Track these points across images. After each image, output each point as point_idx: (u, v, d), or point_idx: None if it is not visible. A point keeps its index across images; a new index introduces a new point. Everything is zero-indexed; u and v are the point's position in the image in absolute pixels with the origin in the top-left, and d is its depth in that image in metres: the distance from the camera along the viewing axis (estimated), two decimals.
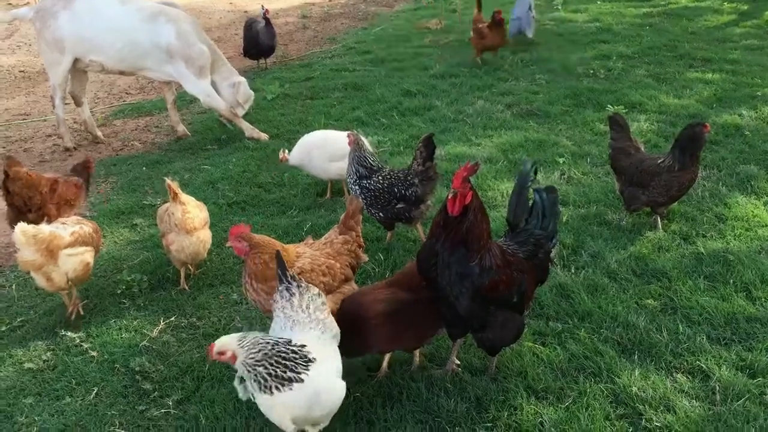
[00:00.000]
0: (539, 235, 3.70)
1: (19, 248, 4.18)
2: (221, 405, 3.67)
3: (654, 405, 3.54)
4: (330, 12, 14.90)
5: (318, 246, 3.94)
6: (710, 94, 8.18)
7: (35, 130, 8.35)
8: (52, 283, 4.34)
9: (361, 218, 4.11)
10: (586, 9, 13.15)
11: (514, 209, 3.78)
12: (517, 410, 3.56)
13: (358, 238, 4.04)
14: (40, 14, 7.06)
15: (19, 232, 4.12)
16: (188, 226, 4.62)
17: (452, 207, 3.34)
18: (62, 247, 4.28)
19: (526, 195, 3.78)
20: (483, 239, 3.40)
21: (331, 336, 3.31)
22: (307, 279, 3.64)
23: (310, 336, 3.20)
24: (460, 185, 3.31)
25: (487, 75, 9.32)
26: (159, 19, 7.14)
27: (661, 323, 4.17)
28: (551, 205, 3.77)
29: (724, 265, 4.72)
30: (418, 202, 4.90)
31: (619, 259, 4.84)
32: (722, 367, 3.79)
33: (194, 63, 7.27)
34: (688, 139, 5.06)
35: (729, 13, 12.35)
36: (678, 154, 5.07)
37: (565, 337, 4.09)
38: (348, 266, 3.93)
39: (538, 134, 7.21)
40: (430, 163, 4.88)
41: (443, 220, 3.39)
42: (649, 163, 5.17)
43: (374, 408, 3.60)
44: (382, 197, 4.87)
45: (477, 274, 3.36)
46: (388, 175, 4.93)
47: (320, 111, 8.14)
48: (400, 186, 4.86)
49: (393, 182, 4.87)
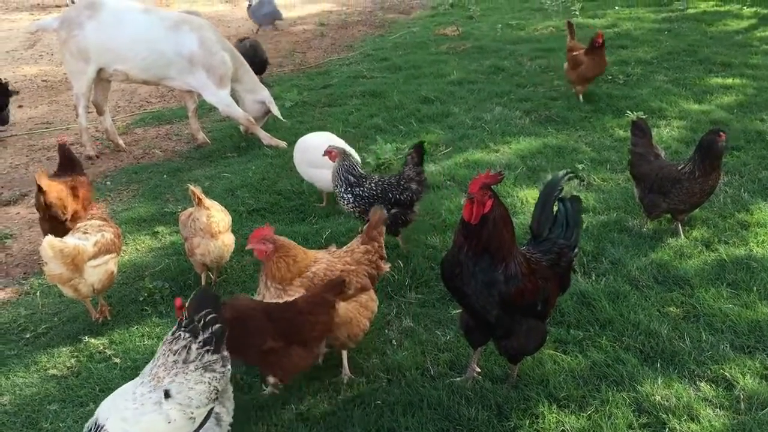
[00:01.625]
0: (562, 245, 3.66)
1: (47, 262, 4.25)
2: (243, 412, 3.68)
3: (677, 414, 3.52)
4: (347, 20, 14.97)
5: (339, 254, 3.95)
6: (731, 99, 8.12)
7: (58, 138, 8.44)
8: (79, 293, 4.43)
9: (384, 229, 4.12)
10: (604, 14, 13.10)
11: (539, 218, 3.74)
12: (538, 418, 3.54)
13: (380, 249, 4.05)
14: (66, 24, 7.16)
15: (47, 246, 4.17)
16: (213, 229, 4.68)
17: (468, 214, 3.32)
18: (87, 259, 4.33)
19: (552, 204, 3.73)
20: (506, 248, 3.38)
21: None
22: (319, 284, 3.71)
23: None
24: (477, 191, 3.29)
25: (504, 81, 9.31)
26: (182, 28, 7.21)
27: (683, 331, 4.13)
28: (575, 215, 3.73)
29: (747, 272, 4.68)
30: (411, 206, 5.03)
31: (640, 266, 4.81)
32: (746, 375, 3.76)
33: (216, 72, 7.33)
34: (705, 146, 5.03)
35: (749, 18, 12.25)
36: (698, 161, 5.04)
37: (586, 344, 4.07)
38: (366, 275, 3.94)
39: (557, 140, 7.19)
40: (419, 168, 5.04)
41: (464, 229, 3.38)
42: (669, 169, 5.14)
43: (395, 415, 3.60)
44: (377, 203, 4.89)
45: (503, 282, 3.34)
46: (379, 182, 5.05)
47: (338, 118, 8.18)
48: (395, 191, 4.98)
49: (387, 188, 4.99)
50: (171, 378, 2.90)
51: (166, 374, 2.92)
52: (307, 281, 3.73)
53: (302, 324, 3.55)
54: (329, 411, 3.69)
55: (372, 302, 3.99)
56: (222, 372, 3.04)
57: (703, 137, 5.12)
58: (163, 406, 2.84)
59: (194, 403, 2.91)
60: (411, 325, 4.37)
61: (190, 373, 2.94)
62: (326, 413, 3.67)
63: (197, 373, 2.95)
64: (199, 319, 3.02)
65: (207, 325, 3.03)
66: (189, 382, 2.92)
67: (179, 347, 2.97)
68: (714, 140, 4.98)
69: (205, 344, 3.00)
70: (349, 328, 3.82)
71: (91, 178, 7.12)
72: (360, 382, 3.88)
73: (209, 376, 2.98)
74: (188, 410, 2.89)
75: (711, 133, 5.06)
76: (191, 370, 2.94)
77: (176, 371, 2.93)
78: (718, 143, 4.97)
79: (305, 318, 3.55)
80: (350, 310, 3.83)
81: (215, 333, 3.04)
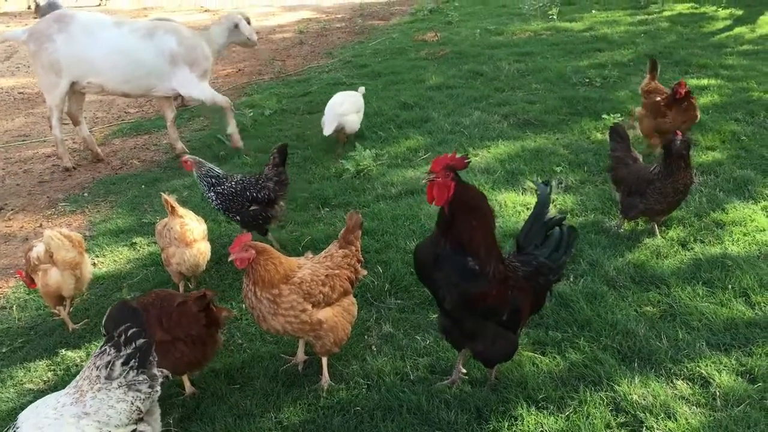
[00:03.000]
0: (543, 262, 3.59)
1: (56, 251, 4.37)
2: (222, 422, 3.67)
3: (655, 412, 3.54)
4: (326, 27, 14.98)
5: (318, 260, 3.95)
6: (707, 100, 8.21)
7: (35, 151, 8.39)
8: (79, 284, 4.57)
9: (360, 233, 4.13)
10: (581, 18, 13.21)
11: (527, 232, 3.70)
12: (517, 420, 3.56)
13: (357, 253, 4.06)
14: (35, 36, 7.10)
15: (52, 235, 4.38)
16: (188, 238, 4.68)
17: (431, 196, 3.29)
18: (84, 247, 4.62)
19: (542, 222, 3.67)
20: (477, 242, 3.34)
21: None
22: (307, 288, 3.69)
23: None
24: (440, 170, 3.23)
25: (483, 86, 9.35)
26: (157, 33, 7.20)
27: (660, 330, 4.17)
28: (568, 244, 3.67)
29: (722, 270, 4.73)
30: (271, 204, 5.26)
31: (617, 267, 4.85)
32: (722, 372, 3.79)
33: (200, 66, 7.40)
34: (665, 147, 5.15)
35: (724, 19, 12.40)
36: (663, 161, 5.13)
37: (564, 346, 4.10)
38: (347, 280, 3.94)
39: (536, 144, 7.23)
40: (281, 169, 5.34)
41: (438, 216, 3.38)
42: (644, 171, 5.24)
43: (375, 421, 3.60)
44: (236, 200, 5.21)
45: (469, 279, 3.33)
46: (240, 181, 5.28)
47: (318, 126, 8.16)
48: (252, 190, 5.23)
49: (245, 186, 5.24)
50: (93, 393, 2.82)
51: (89, 388, 2.84)
52: (296, 287, 3.72)
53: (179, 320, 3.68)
54: (309, 419, 3.68)
55: (353, 306, 4.00)
56: (148, 393, 2.93)
57: (668, 141, 5.18)
58: (81, 420, 2.76)
59: (113, 421, 2.82)
60: (391, 330, 4.37)
61: (113, 390, 2.84)
62: (306, 421, 3.67)
63: (120, 391, 2.85)
64: (119, 334, 2.91)
65: (129, 340, 2.91)
66: (110, 399, 2.83)
67: (103, 363, 2.87)
68: (671, 140, 5.10)
69: (129, 360, 2.88)
70: (335, 333, 3.82)
71: (69, 190, 7.09)
72: (340, 389, 3.88)
73: (133, 395, 2.88)
74: (105, 428, 2.80)
75: (671, 137, 5.17)
76: (114, 387, 2.85)
77: (99, 386, 2.84)
78: (674, 143, 5.07)
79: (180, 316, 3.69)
80: (336, 315, 3.83)
81: (139, 348, 2.91)
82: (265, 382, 3.97)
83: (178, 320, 3.69)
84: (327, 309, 3.80)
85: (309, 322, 3.71)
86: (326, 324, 3.76)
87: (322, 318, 3.75)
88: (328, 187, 6.50)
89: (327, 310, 3.79)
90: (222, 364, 4.16)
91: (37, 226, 6.28)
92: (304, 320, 3.70)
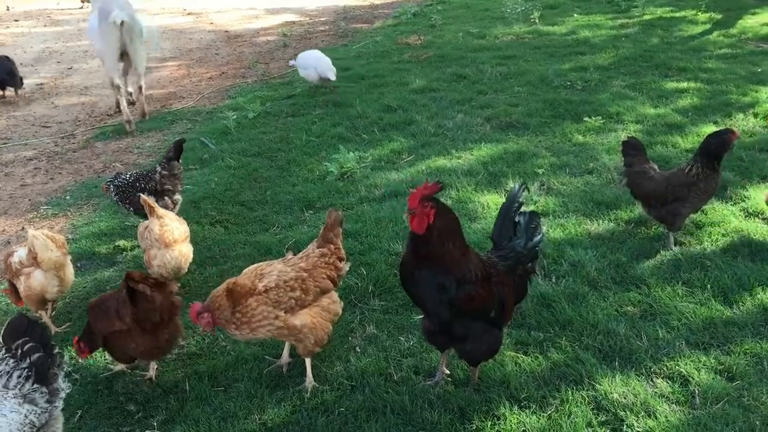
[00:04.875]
0: (520, 252, 3.73)
1: (40, 251, 4.39)
2: (206, 424, 3.67)
3: (635, 410, 3.59)
4: (310, 30, 14.98)
5: (294, 261, 3.97)
6: (686, 103, 8.31)
7: (16, 154, 8.33)
8: (62, 286, 4.59)
9: (340, 230, 4.14)
10: (563, 22, 13.31)
11: (499, 229, 3.82)
12: (500, 420, 3.59)
13: (337, 251, 4.06)
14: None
15: (36, 234, 4.41)
16: (167, 239, 4.69)
17: (415, 226, 3.39)
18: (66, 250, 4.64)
19: (511, 217, 3.80)
20: (450, 257, 3.43)
21: None
22: (274, 296, 3.74)
23: None
24: (417, 205, 3.36)
25: (466, 89, 9.41)
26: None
27: (640, 329, 4.22)
28: (534, 225, 3.80)
29: (701, 270, 4.80)
30: (161, 195, 5.54)
31: (598, 268, 4.90)
32: (701, 371, 3.85)
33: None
34: (716, 145, 5.05)
35: (703, 23, 12.55)
36: (703, 161, 5.04)
37: (546, 345, 4.14)
38: (326, 278, 3.95)
39: (518, 146, 7.29)
40: (174, 163, 5.60)
41: (411, 237, 3.46)
42: (678, 176, 5.11)
43: (359, 422, 3.63)
44: (128, 191, 5.52)
45: (451, 288, 3.40)
46: (132, 174, 5.67)
47: (301, 128, 8.19)
48: (141, 181, 5.55)
49: (137, 178, 5.59)
50: None
51: None
52: (263, 297, 3.75)
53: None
54: (293, 420, 3.69)
55: (334, 304, 4.00)
56: (45, 407, 2.90)
57: (711, 138, 5.14)
58: None
59: (2, 430, 2.80)
60: (374, 331, 4.39)
61: (9, 399, 2.82)
62: (290, 422, 3.68)
63: (15, 401, 2.83)
64: (16, 348, 2.91)
65: (25, 354, 2.91)
66: (3, 408, 2.81)
67: (2, 371, 2.86)
68: (721, 136, 5.06)
69: (25, 374, 2.87)
70: (315, 334, 3.84)
71: (51, 193, 7.05)
72: (324, 390, 3.89)
73: (28, 408, 2.85)
74: None
75: (723, 133, 5.10)
76: (10, 396, 2.83)
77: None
78: (724, 137, 5.03)
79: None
80: (314, 316, 3.85)
81: (35, 363, 2.90)
82: (250, 384, 3.98)
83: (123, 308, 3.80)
84: (303, 312, 3.82)
85: (285, 327, 3.76)
86: (304, 327, 3.79)
87: (298, 323, 3.79)
88: (311, 190, 6.51)
89: (303, 313, 3.82)
90: (206, 366, 4.16)
91: (19, 230, 6.23)
92: (280, 326, 3.76)
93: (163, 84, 11.31)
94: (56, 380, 2.99)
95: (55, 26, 16.04)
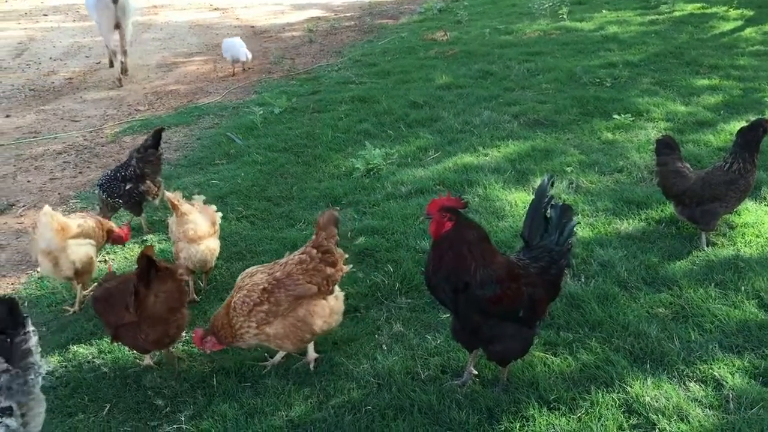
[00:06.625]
0: (553, 251, 3.65)
1: (40, 227, 4.57)
2: (233, 420, 3.68)
3: (667, 414, 3.53)
4: (336, 26, 14.97)
5: (275, 268, 3.99)
6: (717, 100, 8.17)
7: (45, 147, 8.42)
8: (58, 270, 4.70)
9: (335, 232, 4.10)
10: (591, 18, 13.16)
11: (529, 226, 3.74)
12: (528, 421, 3.55)
13: (326, 255, 3.98)
14: None
15: (47, 211, 4.60)
16: (190, 235, 4.71)
17: (431, 230, 3.50)
18: (70, 235, 4.70)
19: (542, 213, 3.72)
20: (465, 265, 3.44)
21: None
22: (246, 309, 3.85)
23: None
24: (434, 212, 3.43)
25: (493, 86, 9.33)
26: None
27: (672, 332, 4.16)
28: (567, 219, 3.71)
29: (734, 272, 4.72)
30: (141, 179, 5.74)
31: (629, 268, 4.83)
32: (735, 375, 3.78)
33: None
34: (756, 135, 4.96)
35: (735, 20, 12.33)
36: (747, 154, 4.96)
37: (576, 346, 4.09)
38: (305, 284, 3.90)
39: (546, 143, 7.21)
40: (151, 150, 5.81)
41: (432, 241, 3.53)
42: (715, 174, 5.03)
43: (386, 420, 3.61)
44: (113, 184, 5.71)
45: (477, 288, 3.41)
46: (113, 168, 5.93)
47: (327, 124, 8.18)
48: (121, 170, 5.78)
49: (117, 168, 5.84)
50: None
51: None
52: (236, 312, 3.90)
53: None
54: (320, 417, 3.68)
55: (311, 315, 3.91)
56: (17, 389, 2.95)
57: (746, 130, 5.03)
58: None
59: None
60: (401, 329, 4.37)
61: None
62: (316, 419, 3.67)
63: None
64: None
65: None
66: None
67: None
68: (758, 128, 4.96)
69: None
70: (290, 341, 3.93)
71: (80, 186, 7.12)
72: (350, 388, 3.88)
73: None
74: None
75: (758, 123, 5.00)
76: None
77: None
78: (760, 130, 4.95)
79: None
80: (286, 327, 3.89)
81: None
82: (276, 381, 3.98)
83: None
84: (277, 321, 3.88)
85: (264, 335, 3.90)
86: (276, 338, 3.91)
87: (271, 332, 3.88)
88: (337, 186, 6.50)
89: (277, 322, 3.88)
90: (233, 362, 4.17)
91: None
92: (258, 333, 3.89)
93: (189, 79, 11.37)
94: (28, 356, 2.99)
95: (84, 21, 16.16)
